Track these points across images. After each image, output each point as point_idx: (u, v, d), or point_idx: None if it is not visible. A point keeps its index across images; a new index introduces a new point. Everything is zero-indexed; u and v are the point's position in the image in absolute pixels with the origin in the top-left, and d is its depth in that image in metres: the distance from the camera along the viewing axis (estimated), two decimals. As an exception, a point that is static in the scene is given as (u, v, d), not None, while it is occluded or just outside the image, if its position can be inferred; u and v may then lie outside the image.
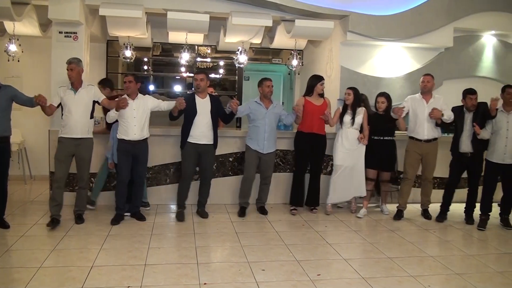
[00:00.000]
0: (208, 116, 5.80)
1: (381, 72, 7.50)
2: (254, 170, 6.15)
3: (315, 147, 6.27)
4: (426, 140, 6.17)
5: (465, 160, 6.11)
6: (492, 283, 4.24)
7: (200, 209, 6.10)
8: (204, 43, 9.09)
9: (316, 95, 6.26)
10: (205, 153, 5.86)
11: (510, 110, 5.90)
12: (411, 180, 6.36)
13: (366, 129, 6.28)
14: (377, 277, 4.22)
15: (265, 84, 6.05)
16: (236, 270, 4.23)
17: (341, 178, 6.30)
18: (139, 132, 5.59)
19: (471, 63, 7.89)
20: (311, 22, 7.15)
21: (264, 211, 6.27)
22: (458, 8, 7.40)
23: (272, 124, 6.09)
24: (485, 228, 6.01)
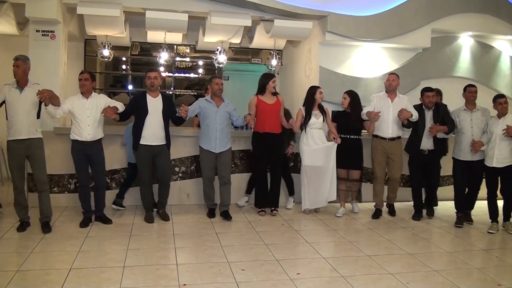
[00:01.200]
0: (159, 115, 5.61)
1: (360, 72, 7.56)
2: (212, 170, 6.00)
3: (271, 147, 6.15)
4: (391, 138, 6.24)
5: (423, 157, 6.22)
6: (470, 279, 4.31)
7: (161, 211, 5.93)
8: (183, 42, 9.07)
9: (269, 93, 6.16)
10: (159, 155, 5.68)
11: (472, 109, 6.09)
12: (382, 178, 6.42)
13: (332, 127, 6.31)
14: (356, 275, 4.25)
15: (214, 81, 5.91)
16: (216, 270, 4.21)
17: (312, 181, 6.27)
18: (93, 132, 5.40)
19: (448, 64, 8.01)
20: (290, 22, 7.18)
21: (228, 216, 5.97)
22: (435, 9, 7.50)
23: (224, 123, 5.94)
24: (463, 225, 6.13)
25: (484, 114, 6.08)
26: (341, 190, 6.43)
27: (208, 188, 6.05)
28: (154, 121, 5.58)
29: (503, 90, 8.11)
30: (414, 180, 6.45)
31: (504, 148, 5.79)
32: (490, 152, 5.87)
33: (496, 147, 5.81)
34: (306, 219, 6.15)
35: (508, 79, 8.33)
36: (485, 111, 6.12)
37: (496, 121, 5.87)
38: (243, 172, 6.79)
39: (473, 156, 6.04)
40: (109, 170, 6.25)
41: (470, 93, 6.09)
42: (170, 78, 9.98)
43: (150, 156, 5.65)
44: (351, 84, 7.30)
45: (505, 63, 8.35)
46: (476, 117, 6.05)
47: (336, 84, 7.19)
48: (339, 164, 6.31)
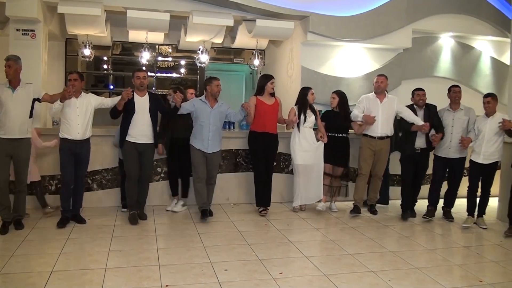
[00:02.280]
0: (147, 114, 5.65)
1: (341, 72, 7.61)
2: (204, 169, 5.98)
3: (268, 147, 6.24)
4: (379, 137, 6.30)
5: (415, 156, 6.30)
6: (452, 276, 4.38)
7: (138, 210, 5.88)
8: (165, 42, 9.03)
9: (267, 94, 6.23)
10: (144, 152, 5.71)
11: (456, 108, 6.21)
12: (366, 175, 6.47)
13: (321, 127, 6.38)
14: (339, 273, 4.28)
15: (214, 83, 5.88)
16: (199, 270, 4.20)
17: (305, 179, 6.35)
18: (83, 131, 5.41)
19: (429, 64, 8.11)
20: (272, 22, 7.20)
21: (210, 212, 6.01)
22: (416, 10, 7.58)
23: (217, 124, 5.94)
24: (431, 218, 6.27)
25: (467, 114, 6.18)
26: (324, 185, 6.47)
27: (200, 185, 5.99)
28: (141, 119, 5.62)
29: (483, 90, 8.25)
30: (406, 178, 6.50)
31: (491, 145, 5.89)
32: (478, 149, 5.99)
33: (483, 145, 5.92)
34: (289, 218, 6.16)
35: (488, 79, 8.46)
36: (469, 110, 6.22)
37: (484, 120, 5.97)
38: (225, 172, 6.76)
39: (450, 153, 6.17)
40: (90, 171, 6.19)
41: (455, 93, 6.20)
42: (152, 78, 9.92)
43: (136, 152, 5.66)
44: (333, 83, 7.34)
45: (485, 63, 8.47)
46: (458, 117, 6.16)
47: (318, 84, 7.22)
48: (326, 159, 6.37)
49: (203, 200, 5.99)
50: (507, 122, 5.71)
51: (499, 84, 8.50)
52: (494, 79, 8.46)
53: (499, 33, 8.11)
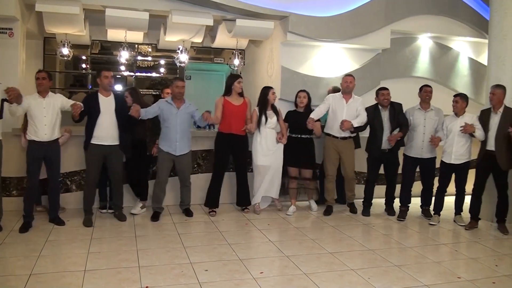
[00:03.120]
0: (112, 115, 5.51)
1: (321, 72, 7.63)
2: (167, 173, 5.93)
3: (236, 148, 6.19)
4: (342, 137, 6.33)
5: (383, 155, 6.36)
6: (430, 272, 4.43)
7: (117, 212, 5.84)
8: (144, 41, 8.96)
9: (236, 94, 6.17)
10: (110, 155, 5.58)
11: (427, 108, 6.28)
12: (333, 176, 6.51)
13: (283, 128, 6.35)
14: (319, 272, 4.30)
15: (175, 84, 5.81)
16: (179, 271, 4.18)
17: (265, 179, 6.32)
18: (50, 132, 5.28)
19: (408, 64, 8.18)
20: (252, 22, 7.19)
21: (190, 212, 6.10)
22: (395, 11, 7.64)
23: (184, 125, 5.87)
24: (405, 219, 6.34)
25: (437, 114, 6.27)
26: (291, 188, 6.47)
27: (159, 190, 5.94)
28: (107, 121, 5.48)
29: (461, 90, 8.31)
30: (370, 176, 6.58)
31: (461, 145, 5.97)
32: (448, 149, 6.05)
33: (454, 145, 5.99)
34: (270, 218, 6.17)
35: (466, 79, 8.57)
36: (439, 111, 6.32)
37: (454, 119, 6.04)
38: (205, 172, 6.74)
39: (422, 153, 6.25)
40: (69, 172, 6.12)
41: (426, 92, 6.28)
42: (132, 77, 9.86)
43: (100, 156, 5.54)
44: (312, 83, 7.37)
45: (463, 64, 8.58)
46: (430, 117, 6.23)
47: (298, 84, 7.23)
48: (291, 163, 6.38)
49: (158, 204, 5.97)
50: (468, 126, 5.80)
51: (477, 85, 8.63)
52: (472, 79, 8.58)
53: (477, 34, 8.22)
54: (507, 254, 5.09)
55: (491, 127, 5.85)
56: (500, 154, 5.78)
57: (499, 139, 5.78)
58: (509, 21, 6.35)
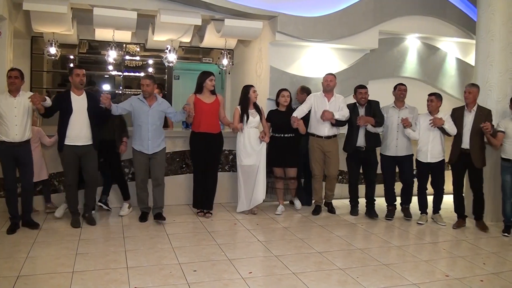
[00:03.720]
0: (84, 114, 5.37)
1: (309, 72, 7.65)
2: (146, 172, 5.84)
3: (209, 147, 6.07)
4: (327, 136, 6.36)
5: (360, 154, 6.39)
6: (419, 271, 4.47)
7: (87, 214, 5.66)
8: (132, 41, 8.92)
9: (207, 92, 6.07)
10: (84, 155, 5.45)
11: (400, 106, 6.35)
12: (320, 176, 6.52)
13: (266, 127, 6.32)
14: (307, 271, 4.31)
15: (141, 82, 5.72)
16: (167, 272, 4.17)
17: (247, 180, 6.26)
18: (21, 132, 5.17)
19: (396, 64, 8.23)
20: (240, 22, 7.18)
21: (162, 217, 5.80)
22: (383, 11, 7.68)
23: (156, 123, 5.75)
24: (393, 218, 6.38)
25: (411, 112, 6.33)
26: (278, 188, 6.47)
27: (141, 190, 5.88)
28: (79, 120, 5.35)
29: (448, 90, 8.45)
30: (351, 177, 6.60)
31: (436, 144, 6.04)
32: (423, 148, 6.12)
33: (429, 143, 6.06)
34: (258, 218, 6.17)
35: (453, 80, 8.63)
36: (413, 109, 6.39)
37: (427, 118, 6.10)
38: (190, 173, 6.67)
39: (398, 151, 6.31)
40: (57, 172, 6.07)
41: (400, 91, 6.35)
42: (120, 77, 9.81)
43: (75, 157, 5.43)
44: (301, 83, 7.36)
45: (451, 64, 8.65)
46: (403, 115, 6.25)
47: (287, 84, 7.24)
48: (275, 163, 6.37)
49: (144, 204, 5.92)
50: (437, 119, 5.89)
51: (464, 85, 8.61)
52: (459, 79, 8.64)
53: (464, 35, 8.29)
54: (494, 252, 5.14)
55: (465, 125, 5.94)
56: (475, 152, 5.90)
57: (474, 137, 5.88)
58: (496, 22, 6.42)
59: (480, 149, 5.94)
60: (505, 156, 5.84)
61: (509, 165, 5.79)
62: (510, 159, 5.78)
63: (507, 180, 5.83)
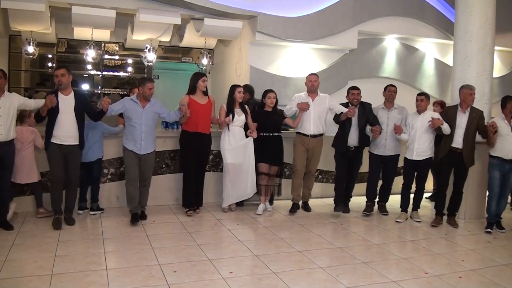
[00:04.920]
0: (72, 114, 5.34)
1: (289, 72, 7.69)
2: (136, 171, 5.80)
3: (200, 147, 6.15)
4: (313, 135, 6.41)
5: (349, 153, 6.45)
6: (398, 269, 4.51)
7: (66, 216, 5.59)
8: (111, 40, 8.87)
9: (200, 93, 6.10)
10: (70, 155, 5.41)
11: (390, 107, 6.44)
12: (301, 172, 6.56)
13: (252, 125, 6.33)
14: (288, 270, 4.32)
15: (147, 85, 5.67)
16: (147, 273, 4.14)
17: (235, 178, 6.28)
18: (6, 132, 5.11)
19: (375, 64, 8.31)
20: (220, 22, 7.19)
21: (144, 216, 5.92)
22: (362, 12, 7.75)
23: (149, 124, 5.76)
24: (370, 213, 6.51)
25: (400, 113, 6.42)
26: (262, 185, 6.46)
27: (132, 188, 5.82)
28: (66, 120, 5.32)
29: (427, 90, 8.55)
30: (338, 174, 6.64)
31: (423, 142, 6.12)
32: (411, 146, 6.20)
33: (416, 141, 6.13)
34: (239, 218, 6.17)
35: (432, 80, 8.75)
36: (402, 109, 6.47)
37: (415, 117, 6.19)
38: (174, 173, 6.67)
39: (385, 151, 6.40)
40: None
41: (390, 92, 6.43)
42: (99, 76, 9.72)
43: (61, 155, 5.38)
44: (281, 83, 7.41)
45: (429, 65, 8.77)
46: (393, 115, 6.38)
47: (267, 84, 7.26)
48: (262, 159, 6.37)
49: (134, 204, 5.84)
50: (436, 120, 5.95)
51: (443, 85, 8.83)
52: (438, 79, 8.77)
53: (442, 36, 8.41)
54: (473, 250, 5.22)
55: (458, 125, 6.02)
56: (467, 152, 5.98)
57: (467, 137, 5.96)
58: (474, 23, 6.53)
59: (472, 149, 6.05)
60: (494, 154, 5.98)
61: (498, 162, 5.94)
62: (499, 157, 5.92)
63: (495, 177, 5.98)
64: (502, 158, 5.90)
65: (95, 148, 5.96)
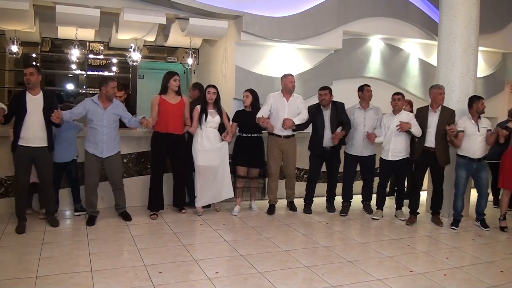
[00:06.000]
0: (40, 115, 5.17)
1: (275, 72, 7.68)
2: (96, 175, 5.69)
3: (173, 148, 6.01)
4: (286, 136, 6.41)
5: (325, 154, 6.49)
6: (383, 267, 4.56)
7: (48, 217, 5.53)
8: (95, 39, 8.79)
9: (172, 92, 5.98)
10: (38, 157, 5.25)
11: (366, 107, 6.50)
12: (276, 175, 6.57)
13: (229, 126, 6.28)
14: (273, 270, 4.34)
15: (110, 85, 5.54)
16: (132, 274, 4.12)
17: (206, 180, 6.17)
18: None
19: (360, 65, 8.34)
20: (205, 21, 7.16)
21: (127, 216, 5.86)
22: (347, 12, 7.78)
23: (111, 125, 5.61)
24: (347, 214, 6.55)
25: (376, 113, 6.49)
26: (238, 188, 6.43)
27: (90, 194, 5.71)
28: (34, 120, 5.15)
29: (412, 90, 8.63)
30: (312, 174, 6.69)
31: (399, 142, 6.20)
32: (386, 146, 6.28)
33: (391, 142, 6.21)
34: (225, 218, 6.17)
35: (416, 80, 8.81)
36: (378, 109, 6.54)
37: (391, 117, 6.25)
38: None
39: (363, 151, 6.46)
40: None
41: (369, 92, 6.48)
42: (83, 76, 9.65)
43: (28, 159, 5.23)
44: (266, 83, 7.40)
45: (413, 65, 8.82)
46: (369, 116, 6.44)
47: (252, 84, 7.25)
48: (240, 162, 6.34)
49: (93, 208, 5.76)
50: (403, 124, 6.03)
51: (427, 85, 8.82)
52: (422, 79, 8.83)
53: (427, 36, 8.47)
54: (457, 247, 5.29)
55: (429, 125, 6.11)
56: (440, 151, 6.08)
57: (439, 136, 6.06)
58: (458, 24, 6.61)
59: (445, 148, 6.14)
60: (461, 153, 6.12)
61: (465, 161, 6.07)
62: (466, 156, 6.05)
63: (461, 176, 6.11)
64: (469, 157, 6.03)
65: (68, 148, 5.84)
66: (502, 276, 4.46)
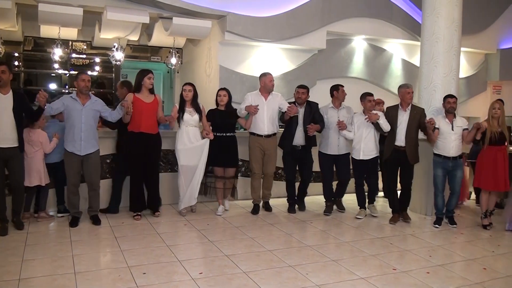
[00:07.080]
0: (9, 114, 5.03)
1: (259, 71, 7.64)
2: (76, 175, 5.57)
3: (147, 147, 5.89)
4: (267, 135, 6.43)
5: (296, 153, 6.52)
6: (367, 265, 4.59)
7: (15, 219, 5.38)
8: (78, 38, 8.73)
9: (146, 91, 5.87)
10: (10, 159, 5.13)
11: (339, 107, 6.56)
12: (259, 174, 6.56)
13: (206, 125, 6.23)
14: (258, 270, 4.35)
15: (80, 78, 5.45)
16: (116, 276, 4.10)
17: (188, 180, 6.14)
18: None
19: (343, 65, 8.39)
20: (189, 21, 7.15)
21: (97, 220, 5.70)
22: (331, 13, 7.82)
23: (90, 122, 5.50)
24: (331, 213, 6.61)
25: (348, 112, 6.57)
26: (218, 188, 6.38)
27: (72, 195, 5.64)
28: (3, 120, 5.03)
29: (394, 90, 8.58)
30: (288, 175, 6.73)
31: (369, 141, 6.29)
32: (357, 146, 6.36)
33: (362, 141, 6.30)
34: (208, 218, 6.17)
35: (399, 80, 8.87)
36: (349, 109, 6.62)
37: (362, 117, 6.32)
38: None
39: (339, 150, 6.53)
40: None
41: (344, 92, 6.54)
42: (66, 75, 9.56)
43: (0, 161, 5.13)
44: (250, 83, 7.41)
45: (396, 65, 8.91)
46: (342, 115, 6.49)
47: (236, 83, 7.27)
48: (216, 163, 6.29)
49: (75, 209, 5.69)
50: (372, 115, 6.13)
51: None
52: (405, 79, 8.89)
53: (410, 37, 8.56)
54: (440, 245, 5.35)
55: (400, 123, 6.19)
56: (410, 149, 6.17)
57: (409, 135, 6.15)
58: (441, 25, 6.69)
59: (415, 146, 6.24)
60: (437, 152, 6.21)
61: (441, 160, 6.16)
62: (441, 155, 6.14)
63: (438, 174, 6.20)
64: (444, 156, 6.11)
65: (57, 149, 5.75)
66: (485, 273, 4.51)
